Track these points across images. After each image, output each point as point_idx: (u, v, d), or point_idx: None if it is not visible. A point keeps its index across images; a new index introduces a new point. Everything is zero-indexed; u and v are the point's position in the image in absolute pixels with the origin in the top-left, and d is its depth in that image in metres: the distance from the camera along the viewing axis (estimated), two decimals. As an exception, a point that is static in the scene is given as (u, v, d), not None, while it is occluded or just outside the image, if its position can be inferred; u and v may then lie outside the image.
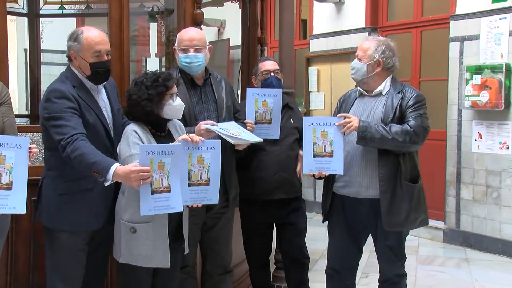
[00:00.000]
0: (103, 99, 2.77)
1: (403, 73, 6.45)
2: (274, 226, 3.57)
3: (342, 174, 2.93)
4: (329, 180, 3.10)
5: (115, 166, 2.41)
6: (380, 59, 2.99)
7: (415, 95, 2.95)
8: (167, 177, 2.47)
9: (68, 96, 2.56)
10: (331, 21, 7.11)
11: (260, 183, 3.32)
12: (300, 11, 7.88)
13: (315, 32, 7.41)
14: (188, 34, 3.06)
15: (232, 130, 2.91)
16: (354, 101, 3.10)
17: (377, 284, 3.17)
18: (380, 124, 2.88)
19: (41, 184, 2.68)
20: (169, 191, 2.49)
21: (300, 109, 4.05)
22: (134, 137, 2.60)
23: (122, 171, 2.39)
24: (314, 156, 2.90)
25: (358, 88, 3.11)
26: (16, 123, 2.86)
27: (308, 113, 7.23)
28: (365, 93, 3.07)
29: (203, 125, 2.85)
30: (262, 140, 3.06)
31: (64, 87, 2.61)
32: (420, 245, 5.75)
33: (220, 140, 2.77)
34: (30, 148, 2.44)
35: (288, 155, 3.35)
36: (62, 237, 2.64)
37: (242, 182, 3.29)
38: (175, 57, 3.11)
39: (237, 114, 3.23)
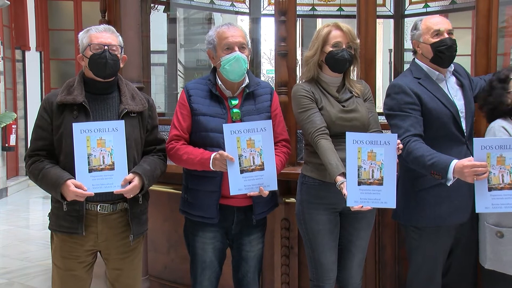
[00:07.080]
0: (452, 88, 2.64)
1: None
2: None
3: None
4: None
5: (454, 163, 2.31)
6: None
7: None
8: (509, 173, 2.30)
9: (405, 90, 2.54)
10: None
11: None
12: None
13: None
14: None
15: None
16: None
17: None
18: None
19: None
20: (510, 188, 2.30)
21: None
22: (502, 133, 2.51)
23: (457, 167, 2.29)
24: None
25: None
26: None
27: None
28: None
29: None
30: None
31: (403, 81, 2.59)
32: None
33: None
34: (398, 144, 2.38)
35: None
36: (420, 235, 2.60)
37: None
38: None
39: None
